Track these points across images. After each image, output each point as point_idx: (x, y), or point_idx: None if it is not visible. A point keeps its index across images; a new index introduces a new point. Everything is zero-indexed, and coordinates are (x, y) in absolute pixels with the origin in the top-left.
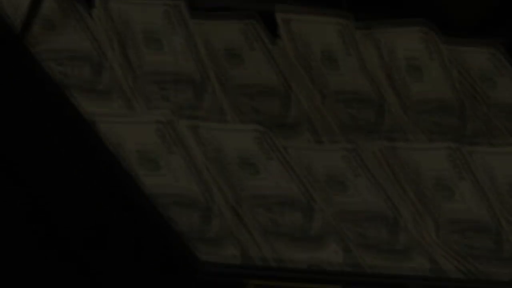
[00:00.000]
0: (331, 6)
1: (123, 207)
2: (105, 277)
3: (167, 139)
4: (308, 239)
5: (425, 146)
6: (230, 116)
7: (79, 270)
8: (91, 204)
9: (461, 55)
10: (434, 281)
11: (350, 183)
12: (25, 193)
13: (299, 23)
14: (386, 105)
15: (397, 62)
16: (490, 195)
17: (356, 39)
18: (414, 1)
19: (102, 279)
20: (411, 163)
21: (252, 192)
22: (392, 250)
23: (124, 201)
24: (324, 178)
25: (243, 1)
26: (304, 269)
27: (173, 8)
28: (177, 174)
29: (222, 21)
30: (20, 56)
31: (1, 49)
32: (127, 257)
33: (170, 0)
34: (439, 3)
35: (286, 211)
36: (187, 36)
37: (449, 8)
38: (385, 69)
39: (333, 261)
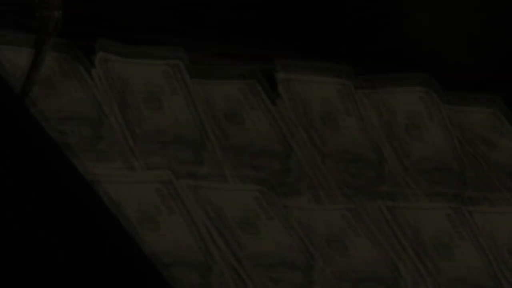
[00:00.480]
0: (331, 60)
1: (123, 267)
2: None
3: (167, 199)
4: None
5: (425, 205)
6: (230, 176)
7: None
8: (90, 264)
9: (461, 115)
10: None
11: (350, 243)
12: (25, 256)
13: (299, 83)
14: (386, 164)
15: (397, 121)
16: (490, 254)
17: (355, 98)
18: (414, 55)
19: None
20: (411, 222)
21: (252, 251)
22: None
23: (124, 261)
24: (324, 237)
25: (243, 58)
26: None
27: (173, 67)
28: (177, 233)
29: (222, 80)
30: (19, 116)
31: (0, 109)
32: None
33: (169, 59)
34: (439, 57)
35: (286, 270)
36: (187, 96)
37: (449, 62)
38: (385, 128)
39: None
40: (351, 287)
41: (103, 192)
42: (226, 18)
